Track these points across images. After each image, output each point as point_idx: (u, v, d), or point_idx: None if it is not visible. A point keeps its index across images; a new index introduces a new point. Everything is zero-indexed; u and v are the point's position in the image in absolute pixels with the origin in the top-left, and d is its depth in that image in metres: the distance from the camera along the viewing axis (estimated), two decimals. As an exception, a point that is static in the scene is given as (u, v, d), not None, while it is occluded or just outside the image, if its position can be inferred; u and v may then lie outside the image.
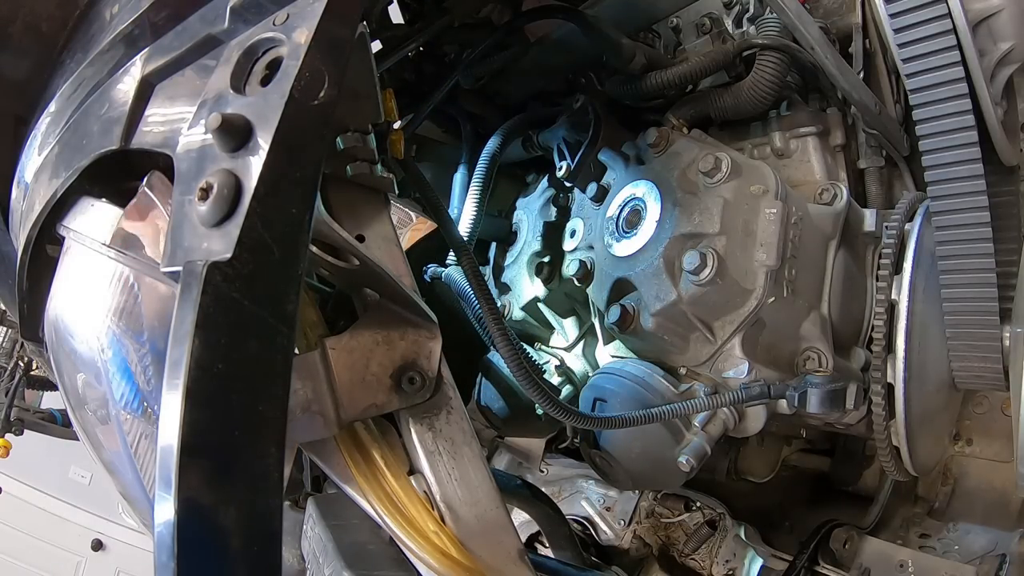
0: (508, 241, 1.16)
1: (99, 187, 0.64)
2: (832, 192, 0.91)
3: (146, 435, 0.56)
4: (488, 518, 0.61)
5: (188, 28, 0.57)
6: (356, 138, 0.61)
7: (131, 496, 0.62)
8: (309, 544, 0.67)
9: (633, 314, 0.86)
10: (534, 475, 1.50)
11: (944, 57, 0.74)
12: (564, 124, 1.04)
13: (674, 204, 0.85)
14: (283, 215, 0.44)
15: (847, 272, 0.91)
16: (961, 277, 0.83)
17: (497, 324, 0.76)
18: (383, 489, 0.60)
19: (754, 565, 1.17)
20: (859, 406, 0.88)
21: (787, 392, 0.81)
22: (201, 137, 0.49)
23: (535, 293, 1.07)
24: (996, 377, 0.87)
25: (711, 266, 0.79)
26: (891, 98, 1.04)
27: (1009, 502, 1.11)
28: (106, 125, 0.59)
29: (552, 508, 1.10)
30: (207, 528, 0.40)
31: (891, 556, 1.09)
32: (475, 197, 1.02)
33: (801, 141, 0.99)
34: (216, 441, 0.41)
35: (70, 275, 0.64)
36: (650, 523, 1.35)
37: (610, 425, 0.79)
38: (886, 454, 0.93)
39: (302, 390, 0.56)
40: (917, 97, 0.78)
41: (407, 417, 0.62)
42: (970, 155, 0.77)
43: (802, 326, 0.87)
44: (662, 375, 0.87)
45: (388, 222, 0.66)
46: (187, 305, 0.41)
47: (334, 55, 0.48)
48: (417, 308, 0.61)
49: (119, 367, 0.56)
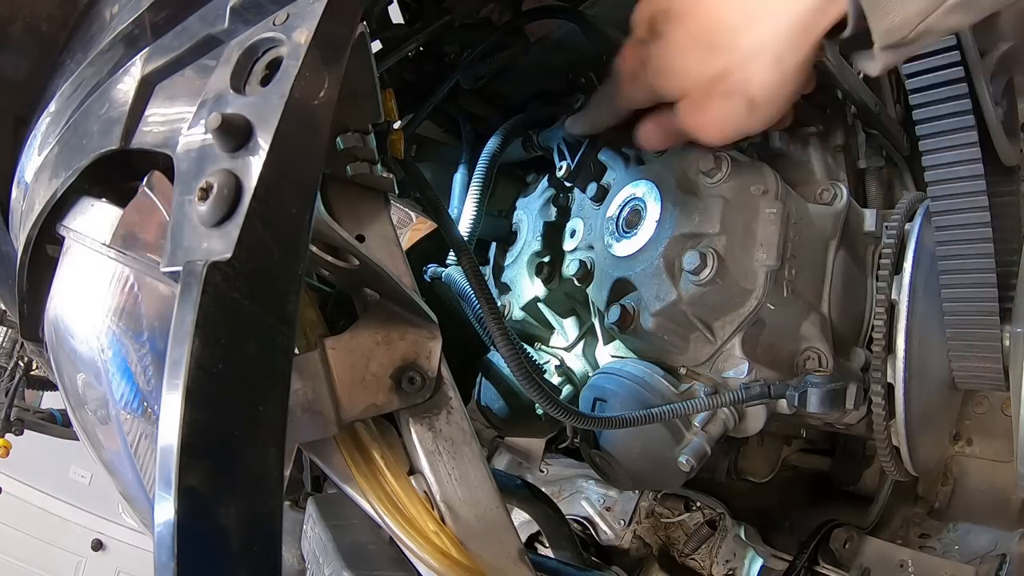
0: (508, 241, 1.16)
1: (99, 187, 0.64)
2: (832, 192, 0.91)
3: (146, 435, 0.56)
4: (488, 518, 0.61)
5: (188, 28, 0.57)
6: (356, 138, 0.62)
7: (131, 496, 0.62)
8: (309, 544, 0.67)
9: (633, 314, 0.86)
10: (534, 475, 1.50)
11: (944, 57, 0.74)
12: (564, 124, 1.04)
13: (674, 204, 0.85)
14: (283, 215, 0.45)
15: (847, 272, 0.91)
16: (961, 277, 0.83)
17: (497, 324, 0.76)
18: (383, 489, 0.60)
19: (754, 565, 1.17)
20: (859, 406, 0.88)
21: (787, 392, 0.81)
22: (201, 137, 0.49)
23: (535, 293, 1.07)
24: (996, 377, 0.87)
25: (711, 266, 0.79)
26: (891, 98, 1.04)
27: (1009, 502, 1.11)
28: (106, 125, 0.59)
29: (552, 508, 1.10)
30: (207, 528, 0.40)
31: (891, 556, 1.09)
32: (475, 197, 1.02)
33: (801, 141, 0.99)
34: (216, 441, 0.41)
35: (70, 275, 0.64)
36: (650, 523, 1.35)
37: (610, 425, 0.79)
38: (886, 454, 0.93)
39: (302, 390, 0.56)
40: (917, 97, 0.78)
41: (407, 417, 0.62)
42: (970, 155, 0.77)
43: (802, 326, 0.87)
44: (662, 375, 0.87)
45: (388, 222, 0.66)
46: (187, 305, 0.41)
47: (334, 55, 0.48)
48: (417, 308, 0.61)
49: (119, 367, 0.56)
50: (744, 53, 0.66)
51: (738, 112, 0.70)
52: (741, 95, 0.68)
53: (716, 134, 0.74)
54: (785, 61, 0.65)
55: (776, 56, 0.65)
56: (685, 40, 0.70)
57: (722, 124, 0.72)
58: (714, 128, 0.73)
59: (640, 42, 0.76)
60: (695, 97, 0.72)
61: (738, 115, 0.70)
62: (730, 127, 0.72)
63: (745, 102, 0.69)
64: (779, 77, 0.66)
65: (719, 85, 0.69)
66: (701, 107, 0.72)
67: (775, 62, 0.65)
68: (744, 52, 0.66)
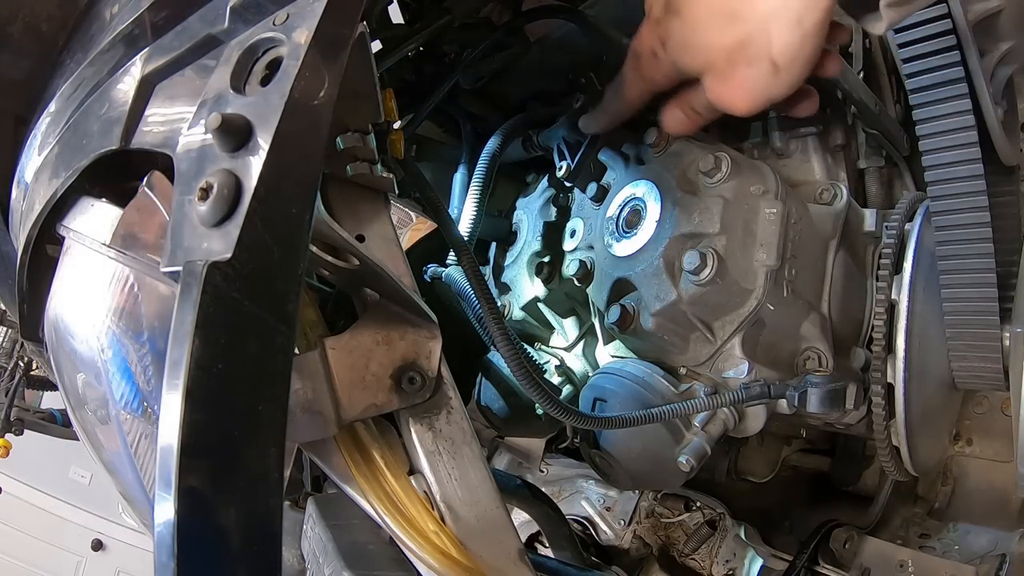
0: (508, 241, 1.16)
1: (99, 187, 0.64)
2: (832, 192, 0.91)
3: (146, 435, 0.56)
4: (488, 518, 0.61)
5: (188, 28, 0.57)
6: (356, 138, 0.61)
7: (131, 496, 0.62)
8: (309, 544, 0.67)
9: (633, 314, 0.86)
10: (534, 475, 1.50)
11: (944, 57, 0.74)
12: (564, 124, 1.04)
13: (674, 204, 0.85)
14: (283, 215, 0.45)
15: (847, 272, 0.91)
16: (961, 277, 0.83)
17: (497, 324, 0.76)
18: (383, 489, 0.60)
19: (754, 565, 1.17)
20: (859, 406, 0.88)
21: (787, 392, 0.81)
22: (201, 137, 0.49)
23: (535, 293, 1.07)
24: (996, 377, 0.87)
25: (711, 266, 0.79)
26: (891, 98, 1.04)
27: (1009, 502, 1.11)
28: (106, 125, 0.59)
29: (552, 508, 1.10)
30: (207, 528, 0.40)
31: (891, 556, 1.09)
32: (475, 197, 1.02)
33: (801, 141, 0.99)
34: (216, 441, 0.41)
35: (70, 275, 0.64)
36: (650, 523, 1.35)
37: (610, 425, 0.79)
38: (886, 454, 0.93)
39: (302, 390, 0.56)
40: (917, 97, 0.78)
41: (407, 417, 0.62)
42: (970, 155, 0.77)
43: (802, 326, 0.87)
44: (662, 375, 0.87)
45: (388, 222, 0.66)
46: (187, 305, 0.41)
47: (334, 55, 0.48)
48: (417, 308, 0.61)
49: (119, 367, 0.56)
50: (763, 17, 0.67)
51: (764, 77, 0.71)
52: (765, 59, 0.69)
53: (745, 102, 0.74)
54: (805, 21, 0.66)
55: (796, 17, 0.66)
56: (704, 12, 0.71)
57: (750, 91, 0.73)
58: (742, 96, 0.74)
59: (656, 21, 0.76)
60: (720, 68, 0.73)
61: (765, 80, 0.71)
62: (759, 93, 0.73)
63: (769, 65, 0.70)
64: (800, 37, 0.67)
65: (743, 52, 0.70)
66: (727, 77, 0.73)
67: (795, 23, 0.66)
68: (763, 16, 0.67)
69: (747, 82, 0.72)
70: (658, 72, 0.80)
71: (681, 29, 0.73)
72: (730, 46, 0.70)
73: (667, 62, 0.77)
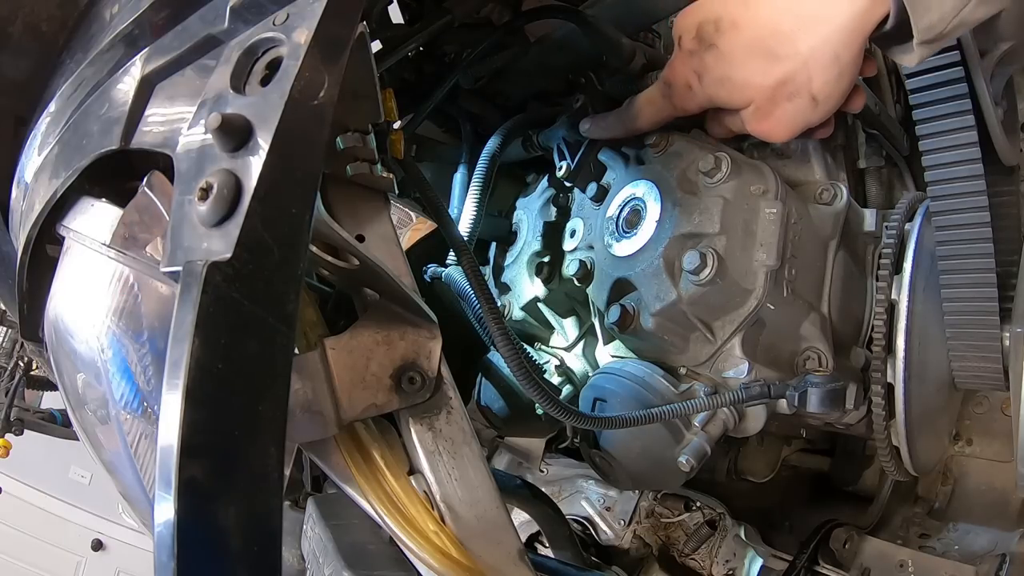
0: (508, 241, 1.16)
1: (99, 187, 0.64)
2: (832, 192, 0.91)
3: (146, 435, 0.56)
4: (488, 518, 0.61)
5: (188, 28, 0.57)
6: (356, 138, 0.62)
7: (131, 496, 0.62)
8: (309, 544, 0.67)
9: (633, 314, 0.86)
10: (534, 475, 1.50)
11: (944, 57, 0.74)
12: (564, 124, 1.04)
13: (674, 204, 0.85)
14: (283, 215, 0.45)
15: (847, 272, 0.91)
16: (961, 277, 0.83)
17: (497, 324, 0.76)
18: (383, 489, 0.60)
19: (754, 565, 1.17)
20: (859, 406, 0.88)
21: (787, 392, 0.81)
22: (201, 137, 0.49)
23: (535, 293, 1.07)
24: (996, 377, 0.87)
25: (711, 266, 0.79)
26: (891, 98, 1.04)
27: (1009, 502, 1.11)
28: (106, 125, 0.59)
29: (552, 508, 1.10)
30: (207, 528, 0.40)
31: (891, 556, 1.09)
32: (475, 197, 1.02)
33: (801, 141, 0.99)
34: (216, 441, 0.41)
35: (70, 275, 0.64)
36: (650, 523, 1.35)
37: (610, 425, 0.79)
38: (886, 454, 0.93)
39: (302, 390, 0.56)
40: (917, 97, 0.78)
41: (407, 417, 0.62)
42: (970, 155, 0.77)
43: (802, 326, 0.87)
44: (662, 375, 0.87)
45: (388, 222, 0.66)
46: (187, 305, 0.41)
47: (334, 55, 0.48)
48: (417, 308, 0.61)
49: (119, 367, 0.56)
50: (804, 56, 0.70)
51: (804, 112, 0.75)
52: (806, 95, 0.73)
53: (784, 134, 0.79)
54: (842, 57, 0.70)
55: (833, 54, 0.69)
56: (742, 51, 0.74)
57: (790, 124, 0.77)
58: (782, 129, 0.78)
59: (690, 53, 0.78)
60: (760, 104, 0.76)
61: (805, 114, 0.75)
62: (798, 126, 0.77)
63: (809, 100, 0.73)
64: (837, 74, 0.71)
65: (783, 89, 0.73)
66: (768, 112, 0.76)
67: (833, 60, 0.70)
68: (804, 55, 0.70)
69: (787, 116, 0.75)
70: (692, 103, 0.82)
71: (717, 66, 0.76)
72: (773, 84, 0.73)
73: (703, 95, 0.80)
